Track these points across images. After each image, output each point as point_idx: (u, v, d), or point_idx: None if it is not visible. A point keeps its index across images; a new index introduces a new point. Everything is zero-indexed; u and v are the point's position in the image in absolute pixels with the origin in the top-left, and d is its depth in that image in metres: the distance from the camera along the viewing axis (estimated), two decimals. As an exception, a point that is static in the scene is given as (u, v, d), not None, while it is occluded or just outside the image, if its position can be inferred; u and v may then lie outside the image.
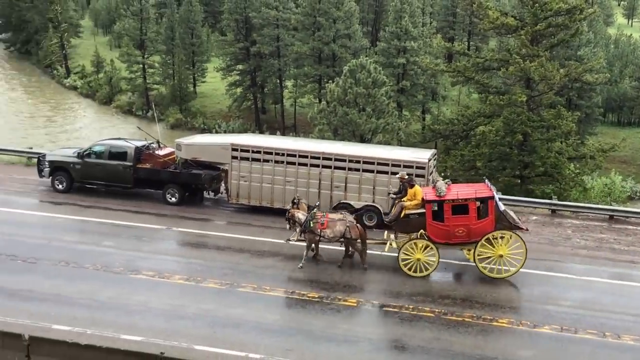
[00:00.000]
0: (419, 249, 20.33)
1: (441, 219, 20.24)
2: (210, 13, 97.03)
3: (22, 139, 58.62)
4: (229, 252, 21.83)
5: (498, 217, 20.21)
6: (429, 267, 20.42)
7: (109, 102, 77.94)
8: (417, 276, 20.37)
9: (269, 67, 69.53)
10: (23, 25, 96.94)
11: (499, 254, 20.20)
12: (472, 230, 20.11)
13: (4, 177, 29.64)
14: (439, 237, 20.34)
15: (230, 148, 25.75)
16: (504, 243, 20.17)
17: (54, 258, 20.90)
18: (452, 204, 20.12)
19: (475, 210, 20.13)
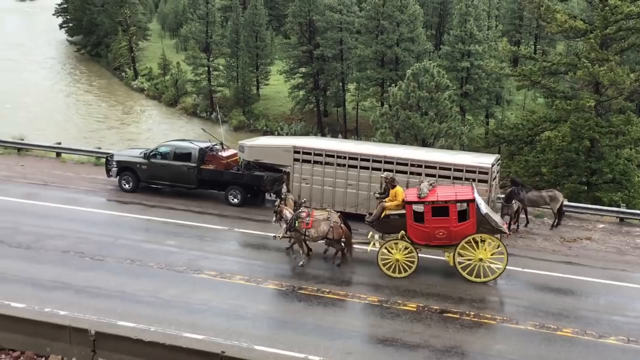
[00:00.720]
0: (398, 250, 20.28)
1: (421, 221, 20.12)
2: (274, 16, 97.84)
3: (90, 139, 60.23)
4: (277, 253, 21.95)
5: (480, 221, 19.99)
6: (408, 268, 20.30)
7: (175, 104, 79.35)
8: (397, 277, 20.28)
9: (331, 70, 69.70)
10: (93, 29, 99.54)
11: (479, 258, 19.99)
12: (452, 233, 19.96)
13: (74, 176, 30.50)
14: (419, 239, 20.28)
15: (293, 150, 25.91)
16: (484, 247, 19.96)
17: (120, 256, 21.42)
18: (432, 205, 19.96)
19: (456, 213, 19.93)
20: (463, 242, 19.90)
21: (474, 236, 19.89)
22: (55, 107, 76.94)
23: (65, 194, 27.67)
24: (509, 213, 24.46)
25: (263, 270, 20.72)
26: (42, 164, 32.73)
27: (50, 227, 23.64)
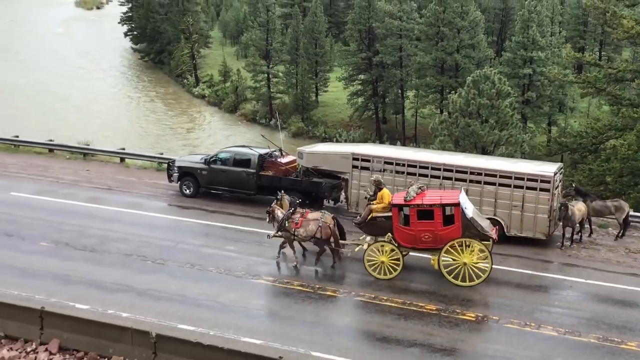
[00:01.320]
0: (384, 252, 20.44)
1: (407, 224, 20.25)
2: (334, 24, 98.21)
3: (153, 145, 61.46)
4: (347, 261, 21.94)
5: (465, 225, 19.95)
6: (393, 270, 20.44)
7: (234, 111, 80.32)
8: (382, 278, 20.40)
9: (390, 77, 69.55)
10: (157, 37, 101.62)
11: (463, 262, 19.94)
12: (437, 236, 19.98)
13: (137, 181, 31.15)
14: (405, 242, 20.40)
15: (351, 157, 25.92)
16: (469, 251, 19.87)
17: (181, 260, 21.77)
18: (417, 208, 20.04)
19: (441, 217, 19.94)
20: (447, 246, 19.92)
21: (460, 240, 19.90)
22: (120, 114, 78.85)
23: (128, 199, 28.29)
24: (570, 225, 23.83)
25: (320, 276, 20.77)
26: (106, 168, 33.53)
27: (113, 230, 24.21)
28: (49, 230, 24.08)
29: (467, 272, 20.05)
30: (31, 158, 35.06)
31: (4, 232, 23.81)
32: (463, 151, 38.85)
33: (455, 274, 20.13)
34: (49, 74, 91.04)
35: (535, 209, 23.42)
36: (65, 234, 23.75)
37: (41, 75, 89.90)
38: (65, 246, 22.76)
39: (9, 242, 23.08)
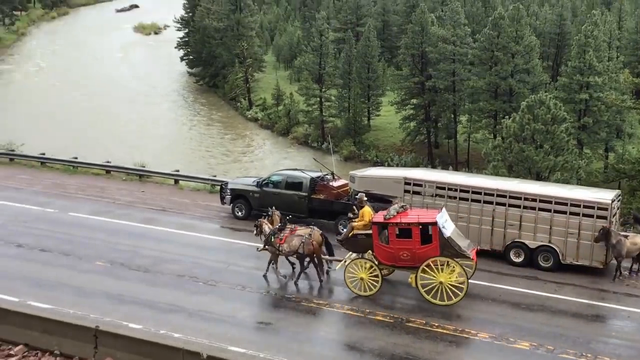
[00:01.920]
0: (363, 269, 20.82)
1: (387, 242, 20.57)
2: (387, 48, 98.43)
3: (206, 167, 62.26)
4: (396, 285, 21.78)
5: (443, 244, 20.18)
6: (373, 287, 20.81)
7: (287, 134, 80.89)
8: (362, 295, 20.79)
9: (443, 102, 69.24)
10: (212, 61, 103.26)
11: (439, 281, 20.12)
12: (416, 255, 20.31)
13: (190, 203, 31.58)
14: (385, 259, 20.79)
15: (403, 182, 25.82)
16: (447, 270, 20.06)
17: (232, 282, 21.94)
18: (396, 227, 20.42)
19: (419, 235, 20.23)
20: (423, 265, 20.14)
21: (436, 259, 20.12)
22: (174, 136, 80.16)
23: (181, 220, 28.69)
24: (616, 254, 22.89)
25: (370, 300, 20.64)
26: (161, 190, 34.10)
27: (167, 251, 24.55)
28: (104, 250, 24.57)
29: (443, 290, 20.19)
30: (89, 179, 35.91)
31: (61, 252, 24.37)
32: (517, 177, 38.30)
33: (433, 293, 20.30)
34: (109, 97, 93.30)
35: (592, 237, 22.91)
36: (120, 254, 24.20)
37: (102, 98, 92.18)
38: (120, 266, 23.17)
39: (66, 261, 23.62)
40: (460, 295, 20.10)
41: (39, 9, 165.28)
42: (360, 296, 20.82)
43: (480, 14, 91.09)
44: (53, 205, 29.86)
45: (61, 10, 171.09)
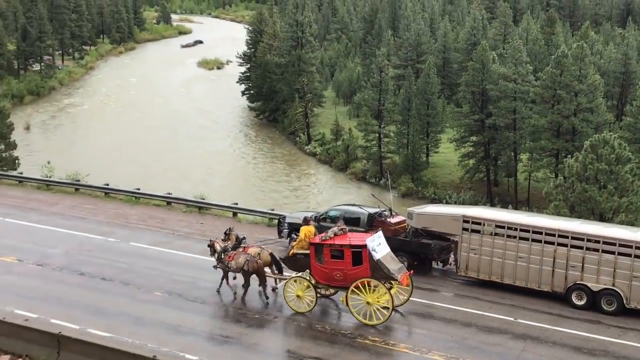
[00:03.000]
0: (299, 287, 21.86)
1: (322, 262, 21.57)
2: (447, 85, 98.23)
3: (264, 200, 62.77)
4: (455, 325, 21.47)
5: (373, 266, 21.01)
6: (308, 306, 21.82)
7: (345, 169, 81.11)
8: (298, 311, 21.85)
9: (503, 140, 68.50)
10: (272, 96, 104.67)
11: (367, 301, 20.96)
12: (347, 276, 21.29)
13: (248, 236, 31.71)
14: (321, 279, 21.88)
15: (462, 220, 25.53)
16: (374, 291, 20.93)
17: (289, 313, 21.94)
18: (330, 248, 21.48)
19: (351, 257, 21.17)
20: (352, 286, 21.03)
21: (364, 280, 20.97)
22: (234, 170, 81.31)
23: (239, 252, 28.87)
24: None
25: (428, 340, 20.38)
26: (219, 222, 34.40)
27: (224, 284, 24.69)
28: (163, 281, 24.92)
29: (370, 311, 21.03)
30: (150, 210, 36.58)
31: (121, 281, 24.83)
32: (579, 217, 37.47)
33: (363, 313, 21.19)
34: (172, 131, 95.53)
35: (657, 281, 22.18)
36: (178, 285, 24.49)
37: (165, 132, 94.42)
38: (178, 297, 23.44)
39: (125, 290, 24.04)
40: (387, 315, 20.93)
41: (107, 44, 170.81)
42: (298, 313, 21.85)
43: (542, 52, 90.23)
44: (115, 235, 30.51)
45: (128, 45, 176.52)
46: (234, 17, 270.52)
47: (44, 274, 25.54)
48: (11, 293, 23.37)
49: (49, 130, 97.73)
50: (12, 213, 33.77)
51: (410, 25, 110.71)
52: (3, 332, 20.00)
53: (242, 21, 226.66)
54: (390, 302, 20.93)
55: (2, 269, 25.81)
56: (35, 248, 27.76)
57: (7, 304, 22.05)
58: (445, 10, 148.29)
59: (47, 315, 21.10)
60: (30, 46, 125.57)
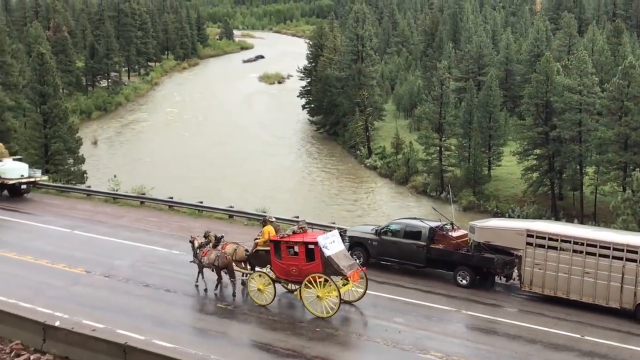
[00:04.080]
0: (260, 281, 23.56)
1: (280, 258, 23.25)
2: (509, 97, 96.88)
3: (325, 214, 62.88)
4: (519, 342, 21.08)
5: (325, 262, 22.47)
6: (267, 299, 23.43)
7: (405, 182, 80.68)
8: (260, 304, 23.53)
9: (568, 153, 67.05)
10: (333, 109, 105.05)
11: (317, 295, 22.46)
12: (302, 271, 22.91)
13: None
14: (280, 273, 23.55)
15: (526, 234, 25.09)
16: (323, 286, 22.38)
17: (348, 330, 21.92)
18: (286, 245, 23.22)
19: (304, 253, 22.89)
20: (305, 280, 22.56)
21: (315, 276, 22.48)
22: (296, 183, 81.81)
23: (300, 265, 28.99)
24: None
25: (491, 356, 20.07)
26: (280, 235, 34.67)
27: (285, 297, 24.79)
28: (225, 293, 25.19)
29: (321, 305, 22.49)
30: (213, 223, 37.02)
31: (185, 293, 25.22)
32: (649, 232, 36.42)
33: (317, 307, 22.64)
34: (235, 145, 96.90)
35: None
36: (239, 297, 24.73)
37: (228, 147, 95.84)
38: (241, 309, 23.67)
39: (189, 302, 24.49)
40: (335, 309, 22.37)
41: (171, 60, 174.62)
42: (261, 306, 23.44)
43: (609, 63, 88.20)
44: (179, 248, 30.97)
45: (192, 61, 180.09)
46: (295, 32, 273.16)
47: (110, 285, 26.15)
48: (79, 304, 24.02)
49: (115, 144, 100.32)
50: (80, 225, 34.73)
51: (472, 38, 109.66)
52: (71, 342, 20.57)
53: (302, 36, 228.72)
54: (339, 297, 22.38)
55: (70, 280, 26.56)
56: (103, 260, 28.47)
57: (75, 314, 22.64)
58: (508, 21, 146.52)
59: (113, 326, 21.57)
60: (98, 63, 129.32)
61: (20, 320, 21.75)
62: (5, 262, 28.72)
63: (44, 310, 22.77)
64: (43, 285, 25.86)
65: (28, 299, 24.02)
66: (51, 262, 28.57)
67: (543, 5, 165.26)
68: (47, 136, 63.76)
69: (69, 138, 65.73)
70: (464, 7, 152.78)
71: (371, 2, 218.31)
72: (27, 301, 23.73)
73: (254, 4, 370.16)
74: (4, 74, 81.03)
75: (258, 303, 23.56)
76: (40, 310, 22.84)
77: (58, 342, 20.73)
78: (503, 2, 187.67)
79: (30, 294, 24.71)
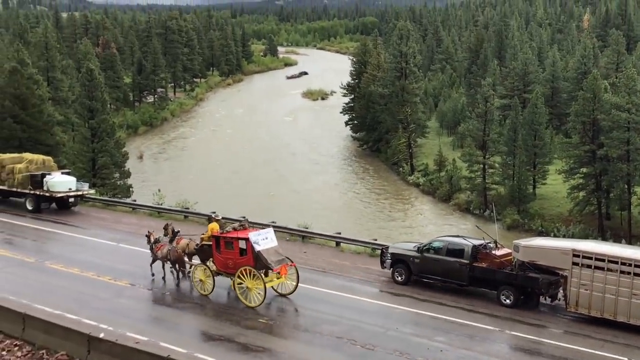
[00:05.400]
0: (202, 273, 26.27)
1: (220, 252, 25.94)
2: (555, 115, 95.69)
3: (367, 230, 62.72)
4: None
5: (255, 257, 25.09)
6: (208, 289, 26.14)
7: (448, 200, 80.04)
8: (202, 293, 26.22)
9: (616, 171, 65.76)
10: (376, 126, 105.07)
11: (247, 286, 25.12)
12: (236, 264, 25.52)
13: (350, 266, 31.85)
14: (220, 266, 26.18)
15: (572, 254, 24.67)
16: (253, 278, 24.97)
17: (390, 347, 21.77)
18: (224, 240, 25.89)
19: (238, 248, 25.65)
20: (238, 272, 25.16)
21: (245, 268, 25.02)
22: (338, 198, 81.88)
23: (341, 282, 28.97)
24: None
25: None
26: (322, 251, 34.66)
27: (325, 312, 24.84)
28: (267, 308, 25.27)
29: (250, 295, 25.04)
30: (255, 238, 37.23)
31: (226, 307, 25.35)
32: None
33: (246, 296, 25.17)
34: (278, 161, 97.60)
35: None
36: (282, 313, 24.88)
37: (272, 164, 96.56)
38: (281, 324, 23.71)
39: (230, 316, 24.53)
40: (261, 300, 24.79)
41: (216, 76, 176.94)
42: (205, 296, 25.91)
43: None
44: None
45: (236, 78, 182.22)
46: (339, 49, 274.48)
47: (154, 297, 26.45)
48: (123, 315, 24.34)
49: (160, 159, 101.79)
50: (126, 239, 35.22)
51: (518, 55, 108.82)
52: (115, 353, 20.79)
53: (346, 52, 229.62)
54: (263, 288, 24.81)
55: (115, 293, 26.95)
56: (147, 273, 28.79)
57: (120, 326, 22.95)
58: (554, 39, 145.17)
59: (156, 338, 21.80)
60: (145, 79, 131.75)
61: (66, 331, 22.07)
62: (52, 274, 29.31)
63: (89, 322, 23.13)
64: (88, 297, 26.29)
65: (74, 310, 24.43)
66: (97, 274, 29.04)
67: (590, 22, 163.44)
68: (94, 150, 65.06)
69: (116, 152, 66.94)
70: (509, 24, 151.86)
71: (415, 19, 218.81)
72: (73, 313, 24.13)
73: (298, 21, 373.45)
74: (54, 90, 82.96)
75: (201, 293, 26.25)
76: (86, 321, 23.20)
77: (102, 354, 20.98)
78: (549, 20, 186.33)
79: (76, 305, 25.14)
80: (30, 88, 63.31)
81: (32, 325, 22.75)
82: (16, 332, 22.97)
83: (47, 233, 36.51)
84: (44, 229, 37.24)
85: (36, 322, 22.80)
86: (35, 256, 31.70)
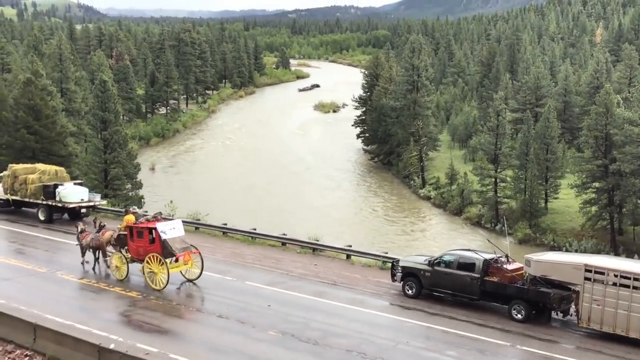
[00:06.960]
0: (118, 260, 29.26)
1: (133, 241, 28.81)
2: (567, 129, 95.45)
3: (378, 244, 62.64)
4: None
5: (162, 244, 27.97)
6: (122, 275, 29.16)
7: (459, 213, 79.88)
8: (118, 278, 29.18)
9: (629, 186, 65.41)
10: (387, 139, 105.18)
11: (153, 271, 27.95)
12: (146, 251, 28.29)
13: (361, 278, 31.78)
14: (133, 254, 29.07)
15: (584, 269, 24.53)
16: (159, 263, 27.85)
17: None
18: (136, 230, 28.71)
19: (147, 237, 28.45)
20: (147, 258, 28.01)
21: (152, 255, 27.88)
22: (349, 211, 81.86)
23: (351, 295, 28.90)
24: None
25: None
26: (333, 264, 34.61)
27: (335, 325, 24.76)
28: (277, 320, 25.23)
29: (156, 279, 27.90)
30: (265, 250, 37.25)
31: (237, 319, 25.33)
32: None
33: (152, 280, 28.02)
34: (289, 176, 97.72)
35: None
36: (291, 325, 24.71)
37: (282, 177, 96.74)
38: (290, 337, 23.65)
39: (240, 328, 24.51)
40: (165, 283, 27.69)
41: (228, 88, 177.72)
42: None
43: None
44: (231, 274, 31.24)
45: (248, 90, 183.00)
46: (351, 62, 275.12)
47: (164, 309, 26.47)
48: (134, 327, 24.37)
49: (171, 171, 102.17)
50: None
51: (530, 69, 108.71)
52: (125, 364, 20.85)
53: (358, 65, 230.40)
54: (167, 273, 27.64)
55: (126, 304, 26.98)
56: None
57: (130, 337, 22.97)
58: (567, 53, 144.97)
59: (166, 350, 21.79)
60: (158, 91, 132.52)
61: (77, 342, 22.14)
62: (64, 285, 29.40)
63: (100, 333, 23.15)
64: (99, 308, 26.36)
65: (84, 321, 24.46)
66: (108, 285, 29.12)
67: (603, 36, 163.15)
68: (106, 161, 65.42)
69: (128, 163, 67.28)
70: (521, 38, 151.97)
71: (427, 32, 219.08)
72: (84, 323, 24.15)
73: (310, 33, 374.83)
74: (67, 101, 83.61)
75: (117, 278, 29.12)
76: (96, 332, 23.23)
77: (112, 364, 21.05)
78: (562, 34, 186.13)
79: (86, 316, 25.20)
80: (44, 99, 63.81)
81: (43, 335, 22.84)
82: (27, 342, 23.08)
83: (59, 243, 36.63)
84: (55, 240, 37.38)
85: (47, 333, 22.90)
86: (46, 266, 31.80)
